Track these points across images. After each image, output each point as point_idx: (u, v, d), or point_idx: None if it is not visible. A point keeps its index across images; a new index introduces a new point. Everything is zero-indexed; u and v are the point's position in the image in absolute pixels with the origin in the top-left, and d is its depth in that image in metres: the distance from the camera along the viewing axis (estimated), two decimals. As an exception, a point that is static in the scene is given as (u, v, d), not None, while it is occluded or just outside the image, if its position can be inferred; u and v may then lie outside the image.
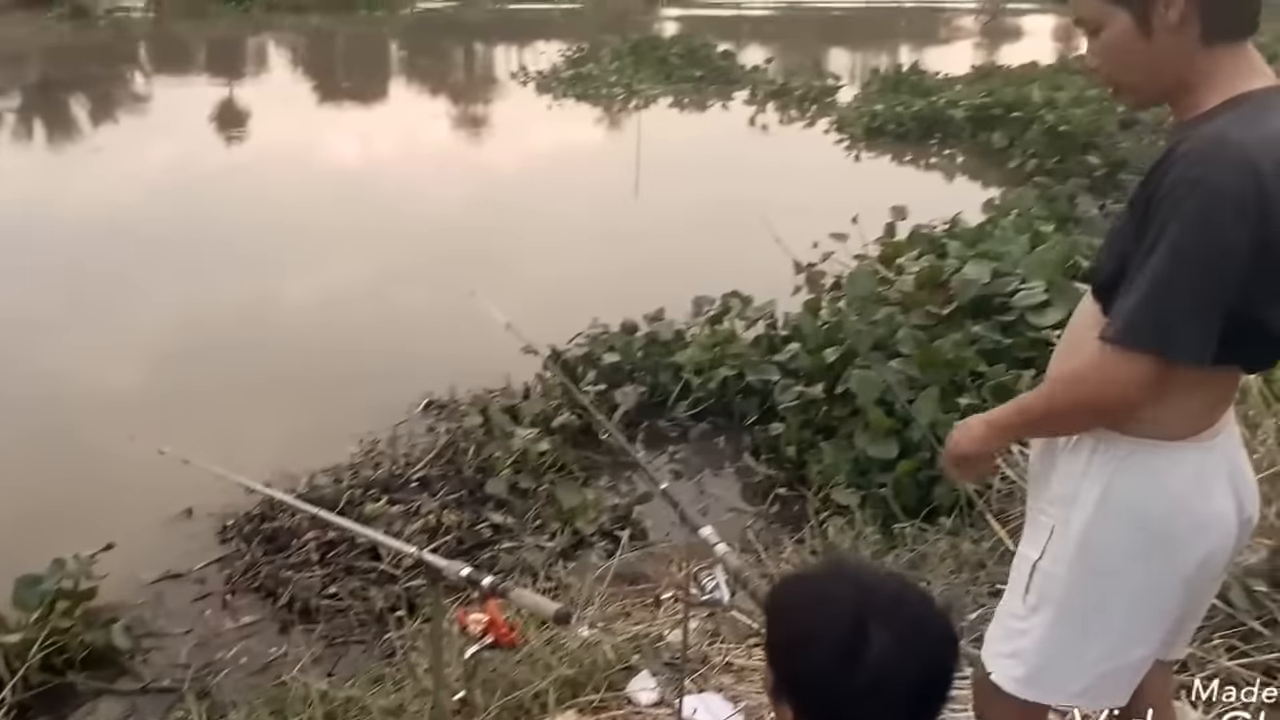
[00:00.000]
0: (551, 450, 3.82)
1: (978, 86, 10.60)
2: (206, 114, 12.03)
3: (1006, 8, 22.94)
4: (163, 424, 4.40)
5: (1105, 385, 1.34)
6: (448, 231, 7.38)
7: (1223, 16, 1.31)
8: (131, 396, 4.80)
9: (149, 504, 3.68)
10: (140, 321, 5.76)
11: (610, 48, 14.56)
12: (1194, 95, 1.34)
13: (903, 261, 4.70)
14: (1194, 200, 1.23)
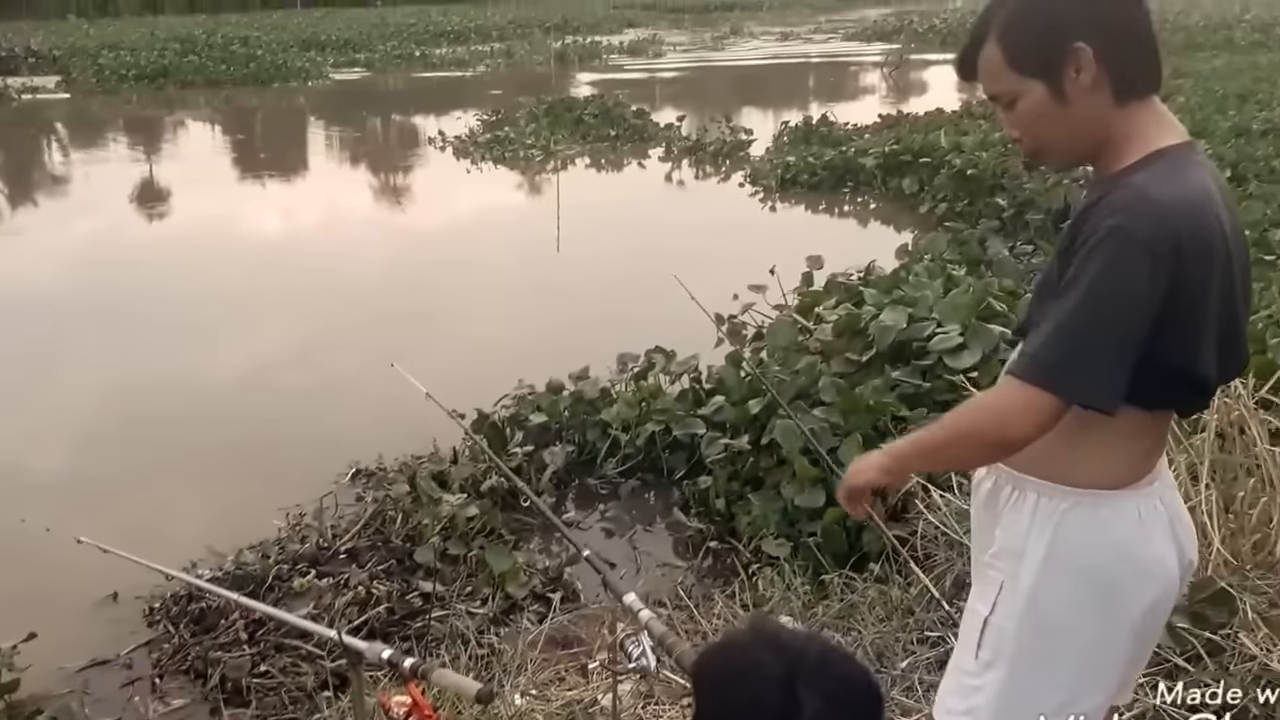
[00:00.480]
0: (480, 515, 3.78)
1: (886, 135, 10.92)
2: (127, 190, 11.78)
3: (910, 59, 23.80)
4: (85, 505, 4.30)
5: (1004, 416, 1.36)
6: (372, 297, 7.33)
7: (1131, 76, 1.39)
8: (51, 478, 4.68)
9: (72, 591, 3.57)
10: (61, 401, 5.60)
11: (526, 110, 14.70)
12: (1114, 151, 1.41)
13: (821, 310, 4.79)
14: (1112, 247, 1.28)
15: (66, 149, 16.35)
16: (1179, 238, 1.28)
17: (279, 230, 10.21)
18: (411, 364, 5.15)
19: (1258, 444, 2.74)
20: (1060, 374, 1.31)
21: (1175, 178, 1.32)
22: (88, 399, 5.62)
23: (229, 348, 6.37)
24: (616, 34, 35.16)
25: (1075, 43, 1.35)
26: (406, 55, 27.81)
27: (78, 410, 5.49)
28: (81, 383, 5.84)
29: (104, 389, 5.73)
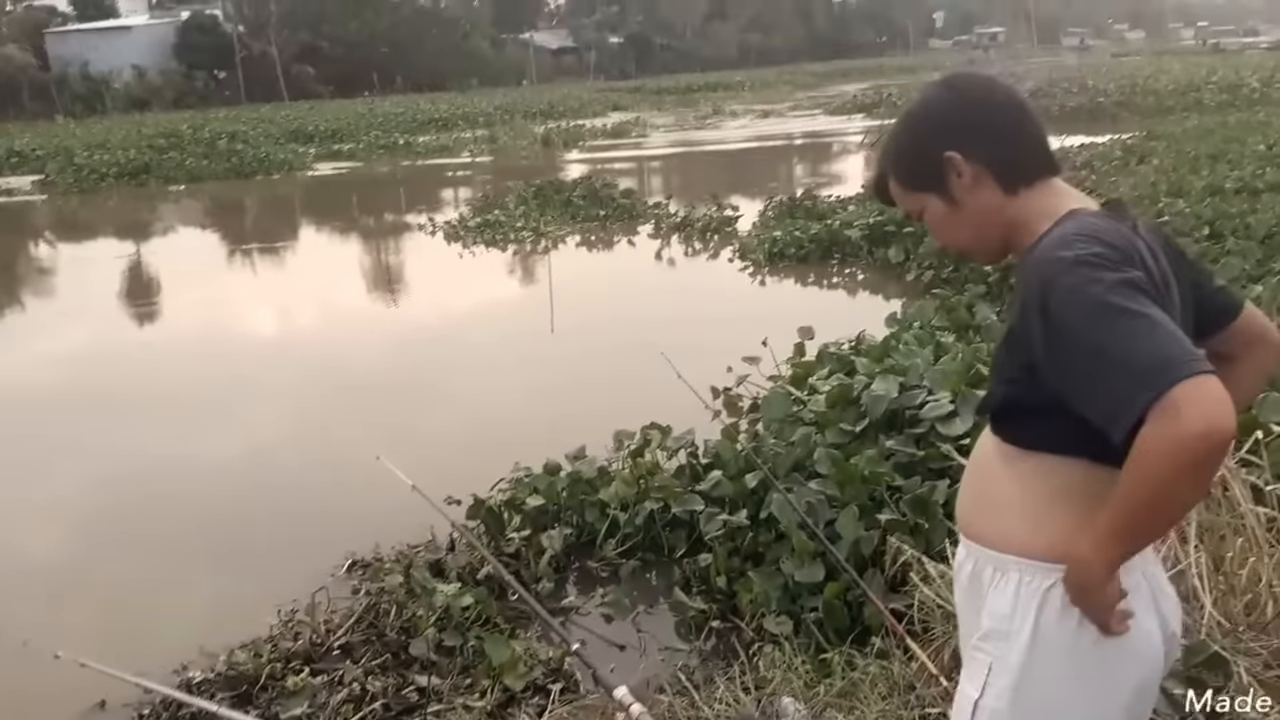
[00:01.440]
0: (476, 604, 3.72)
1: (869, 206, 11.07)
2: (115, 285, 11.90)
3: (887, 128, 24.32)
4: (70, 606, 4.23)
5: (1194, 429, 1.17)
6: (367, 384, 7.33)
7: (1013, 168, 1.49)
8: (35, 577, 4.60)
9: (56, 702, 3.48)
10: (45, 499, 5.55)
11: (515, 193, 14.93)
12: (1026, 233, 1.48)
13: (814, 381, 4.80)
14: (1061, 279, 1.29)
15: (53, 246, 16.50)
16: (1106, 237, 1.32)
17: (269, 320, 10.26)
18: (407, 449, 5.18)
19: (1241, 504, 2.74)
20: (1168, 363, 1.19)
21: (1079, 222, 1.39)
22: (73, 497, 5.57)
23: (218, 441, 6.33)
24: (600, 117, 35.88)
25: (945, 152, 1.48)
26: (390, 144, 28.22)
27: (64, 508, 5.43)
28: (66, 480, 5.79)
29: (90, 486, 5.69)
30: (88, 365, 8.39)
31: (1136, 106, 25.47)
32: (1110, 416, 1.23)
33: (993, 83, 1.54)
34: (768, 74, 60.42)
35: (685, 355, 5.51)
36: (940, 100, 1.53)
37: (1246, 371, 1.61)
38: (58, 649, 2.52)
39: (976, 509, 1.57)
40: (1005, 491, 1.49)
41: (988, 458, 1.55)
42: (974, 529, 1.57)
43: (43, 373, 8.14)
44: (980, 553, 1.54)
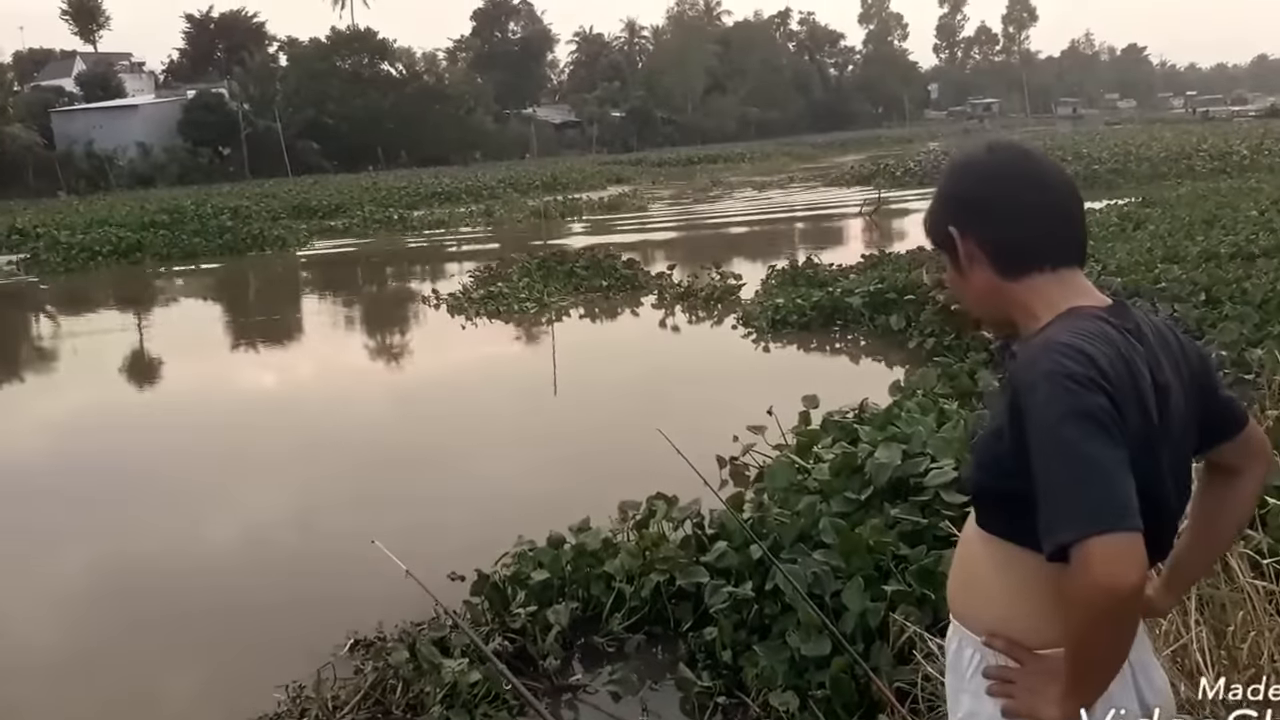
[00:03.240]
0: (485, 680, 3.68)
1: (870, 274, 11.20)
2: (113, 362, 11.93)
3: (888, 200, 24.60)
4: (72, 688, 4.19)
5: (1096, 588, 1.25)
6: (368, 459, 7.31)
7: (1014, 252, 1.49)
8: (37, 658, 4.57)
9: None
10: (47, 579, 5.52)
11: (519, 265, 15.09)
12: (1028, 316, 1.50)
13: (819, 450, 4.81)
14: (1032, 391, 1.32)
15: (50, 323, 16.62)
16: (1090, 349, 1.33)
17: (267, 397, 10.24)
18: (408, 525, 5.17)
19: (1240, 576, 2.72)
20: (1093, 514, 1.26)
21: (1074, 325, 1.39)
22: (75, 577, 5.54)
23: (221, 518, 6.31)
24: (598, 190, 36.37)
25: (949, 227, 1.51)
26: (385, 219, 28.44)
27: (65, 588, 5.40)
28: (67, 561, 5.76)
29: (92, 566, 5.66)
30: (81, 446, 8.38)
31: (1131, 173, 25.88)
32: (1042, 532, 1.31)
33: (1028, 160, 1.50)
34: (767, 146, 61.44)
35: (690, 423, 5.56)
36: (963, 169, 1.54)
37: (1245, 484, 1.62)
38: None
39: (959, 588, 1.60)
40: (982, 573, 1.52)
41: (970, 537, 1.57)
42: (957, 608, 1.59)
43: (36, 454, 8.14)
44: (963, 633, 1.56)
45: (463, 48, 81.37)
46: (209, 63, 71.86)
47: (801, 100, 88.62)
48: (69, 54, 74.30)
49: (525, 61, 78.20)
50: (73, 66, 70.03)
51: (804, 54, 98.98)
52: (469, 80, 71.37)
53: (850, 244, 17.56)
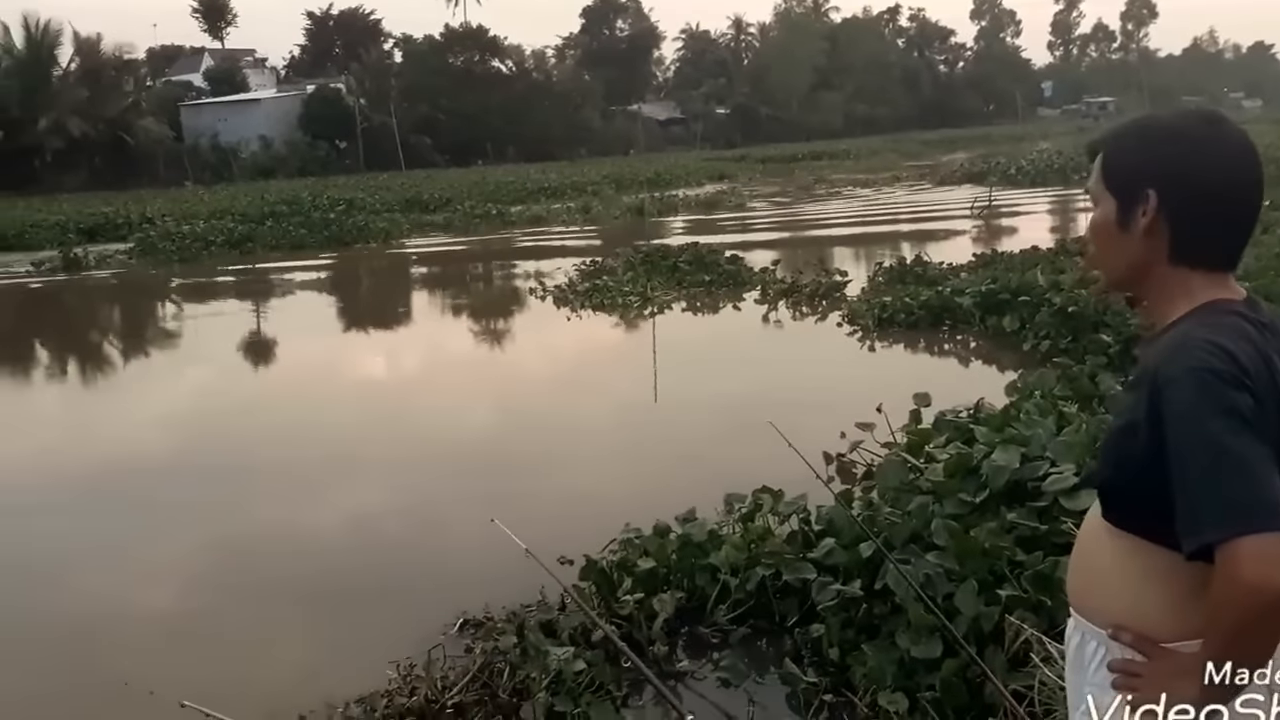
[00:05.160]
0: (589, 669, 3.70)
1: (982, 273, 10.91)
2: (229, 348, 12.45)
3: (999, 199, 23.91)
4: (190, 659, 4.37)
5: (1246, 588, 1.23)
6: (476, 446, 7.48)
7: (1194, 243, 1.42)
8: (158, 627, 4.78)
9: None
10: (168, 551, 5.78)
11: (623, 259, 15.19)
12: (1165, 304, 1.44)
13: (931, 449, 4.71)
14: (1174, 387, 1.29)
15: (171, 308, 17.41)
16: (1231, 346, 1.30)
17: (380, 383, 10.55)
18: (518, 509, 5.24)
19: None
20: (1242, 513, 1.24)
21: (1213, 320, 1.36)
22: (197, 549, 5.76)
23: (333, 498, 6.50)
24: (697, 187, 36.29)
25: (1148, 187, 1.41)
26: (485, 214, 28.82)
27: (186, 560, 5.63)
28: (189, 533, 6.00)
29: (208, 543, 5.87)
30: (204, 423, 8.77)
31: (1263, 175, 24.46)
32: (1184, 531, 1.29)
33: (1249, 158, 1.42)
34: (873, 142, 60.42)
35: (794, 420, 5.48)
36: (1189, 134, 1.41)
37: None
38: (183, 699, 2.61)
39: (1081, 581, 1.57)
40: (1106, 566, 1.49)
41: (1094, 530, 1.54)
42: (1079, 601, 1.57)
43: (163, 430, 8.54)
44: (1085, 626, 1.53)
45: (571, 45, 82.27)
46: (328, 59, 74.41)
47: (910, 97, 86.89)
48: (198, 50, 77.98)
49: (632, 58, 78.72)
50: (201, 62, 73.48)
51: (913, 50, 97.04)
52: (577, 77, 72.18)
53: (960, 243, 17.11)
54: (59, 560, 5.72)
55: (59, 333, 15.22)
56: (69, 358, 13.34)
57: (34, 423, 9.53)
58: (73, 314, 17.36)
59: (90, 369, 12.44)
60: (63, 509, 6.59)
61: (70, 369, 12.64)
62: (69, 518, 6.43)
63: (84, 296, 18.98)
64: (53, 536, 6.10)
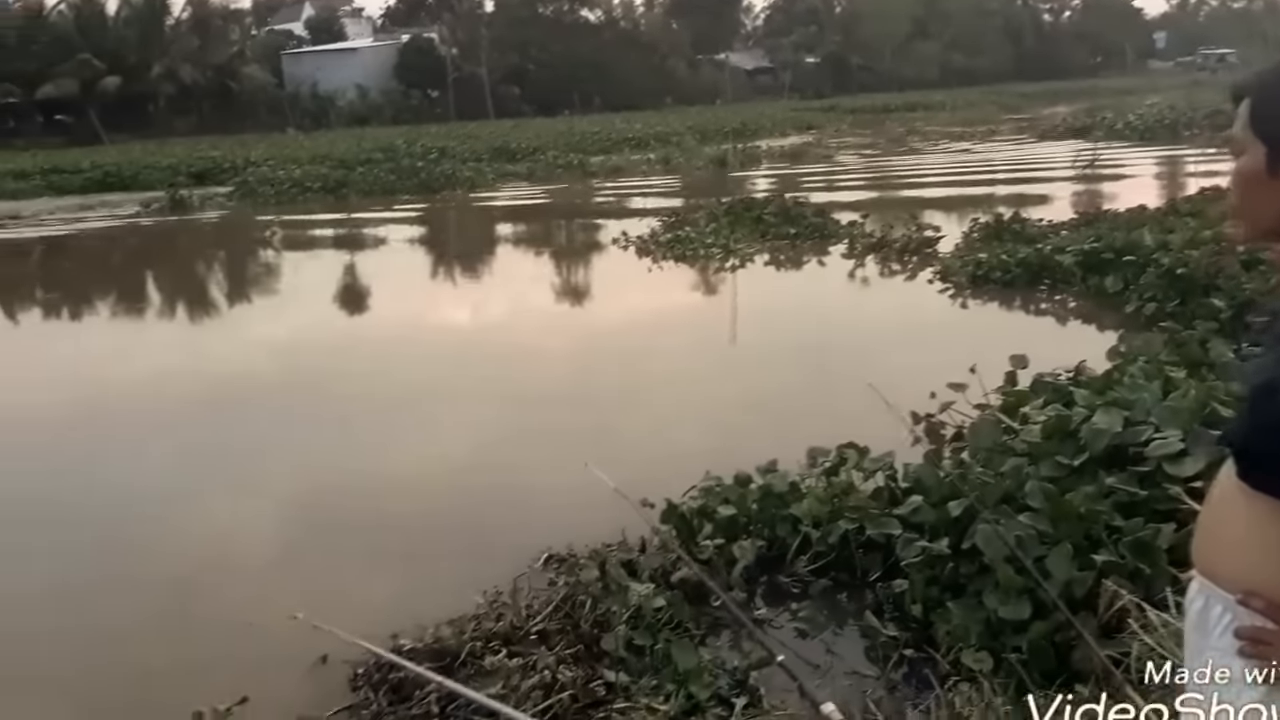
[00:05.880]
0: (668, 607, 3.75)
1: (1085, 232, 10.49)
2: (327, 288, 12.81)
3: (1104, 155, 22.94)
4: (296, 576, 4.56)
5: None
6: (559, 390, 7.55)
7: None
8: (264, 549, 4.99)
9: (287, 655, 3.79)
10: (266, 482, 5.99)
11: (706, 211, 15.04)
12: None
13: (1027, 411, 4.57)
14: None
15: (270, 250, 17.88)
16: None
17: (467, 327, 10.75)
18: (599, 452, 5.29)
19: None
20: None
21: None
22: (294, 480, 5.97)
23: (424, 433, 6.67)
24: (783, 138, 35.65)
25: None
26: (567, 164, 28.89)
27: (285, 491, 5.83)
28: (287, 465, 6.22)
29: (308, 473, 6.07)
30: (301, 359, 9.06)
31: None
32: None
33: None
34: (970, 94, 58.44)
35: (881, 379, 5.41)
36: None
37: None
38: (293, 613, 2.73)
39: (1210, 544, 1.51)
40: (1239, 530, 1.42)
41: (1226, 492, 1.47)
42: (1206, 565, 1.51)
43: (262, 365, 8.84)
44: (1211, 590, 1.47)
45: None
46: (422, 8, 74.84)
47: (1010, 48, 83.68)
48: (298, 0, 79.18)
49: (720, 7, 77.21)
50: (301, 11, 74.72)
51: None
52: (664, 26, 71.34)
53: (1061, 200, 16.48)
54: (168, 483, 6.00)
55: (168, 270, 15.81)
56: (176, 294, 13.86)
57: (142, 353, 9.95)
58: (181, 252, 18.01)
59: (195, 306, 12.92)
60: (170, 434, 6.91)
61: (177, 305, 13.14)
62: (177, 443, 6.73)
63: (191, 236, 19.67)
64: (163, 460, 6.41)
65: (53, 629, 4.31)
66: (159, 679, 3.85)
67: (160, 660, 3.99)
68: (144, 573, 4.83)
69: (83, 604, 4.55)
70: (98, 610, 4.47)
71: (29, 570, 4.92)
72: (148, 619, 4.36)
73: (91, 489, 6.00)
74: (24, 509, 5.74)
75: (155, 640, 4.18)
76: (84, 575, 4.81)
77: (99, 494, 5.91)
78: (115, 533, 5.30)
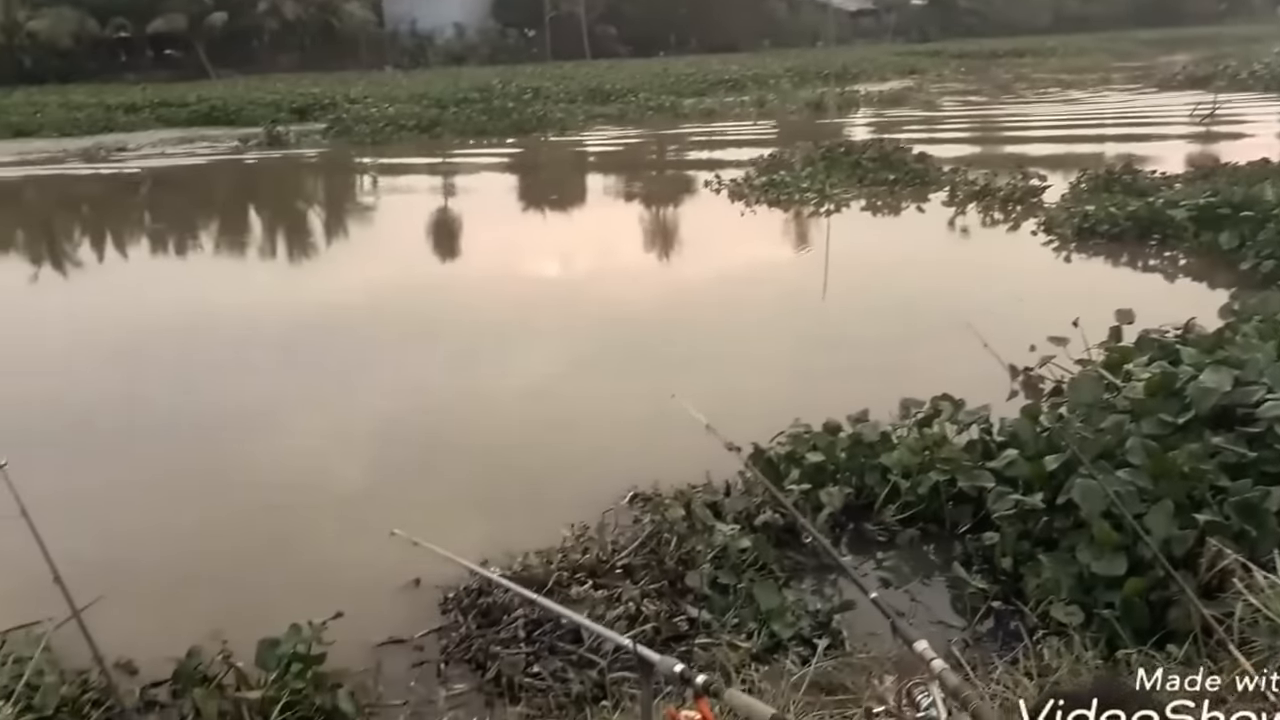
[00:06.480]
0: (753, 549, 3.78)
1: (1200, 185, 10.02)
2: (419, 226, 13.03)
3: (1224, 103, 21.69)
4: (389, 504, 4.71)
5: None
6: (647, 332, 7.59)
7: None
8: (360, 478, 5.16)
9: (379, 575, 3.94)
10: (362, 412, 6.17)
11: (802, 155, 14.76)
12: None
13: (1131, 367, 4.43)
14: None
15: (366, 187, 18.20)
16: None
17: (557, 267, 10.83)
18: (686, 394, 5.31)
19: None
20: None
21: None
22: (387, 410, 6.13)
23: (513, 374, 6.75)
24: (883, 82, 34.59)
25: None
26: (659, 106, 28.59)
27: (378, 420, 6.00)
28: (381, 396, 6.37)
29: (401, 404, 6.23)
30: (398, 295, 9.21)
31: None
32: None
33: None
34: (1083, 40, 55.70)
35: (979, 330, 5.28)
36: None
37: None
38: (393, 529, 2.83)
39: None
40: None
41: None
42: None
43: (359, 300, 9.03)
44: None
45: (762, -71, 78.92)
46: (519, -55, 74.18)
47: (1131, -9, 79.16)
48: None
49: (825, -55, 74.82)
50: (401, -53, 74.61)
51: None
52: (764, -36, 69.40)
53: (1175, 152, 15.70)
54: (271, 403, 6.26)
55: (268, 205, 16.29)
56: (276, 229, 14.28)
57: (245, 283, 10.32)
58: (280, 189, 18.50)
59: (295, 240, 13.29)
60: (271, 358, 7.19)
61: (277, 238, 13.54)
62: (279, 364, 6.99)
63: (291, 173, 20.16)
64: (266, 381, 6.69)
65: (158, 537, 4.55)
66: (260, 590, 4.03)
67: (260, 571, 4.19)
68: (246, 485, 5.07)
69: (187, 512, 4.78)
70: (201, 519, 4.70)
71: (139, 476, 5.20)
72: (248, 529, 4.57)
73: (200, 405, 6.26)
74: (138, 420, 6.05)
75: (256, 551, 4.38)
76: (190, 485, 5.08)
77: (206, 410, 6.17)
78: (219, 448, 5.57)
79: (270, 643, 3.21)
